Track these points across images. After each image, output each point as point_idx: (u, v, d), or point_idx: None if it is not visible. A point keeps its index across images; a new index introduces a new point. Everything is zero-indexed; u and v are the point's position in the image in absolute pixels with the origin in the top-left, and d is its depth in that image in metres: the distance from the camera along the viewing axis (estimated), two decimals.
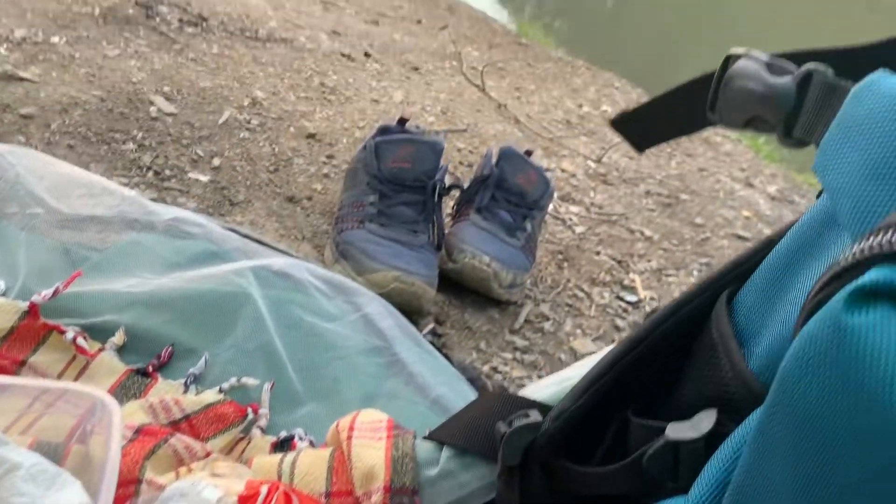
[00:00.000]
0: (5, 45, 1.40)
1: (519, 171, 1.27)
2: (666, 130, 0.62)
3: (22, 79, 1.30)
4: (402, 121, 1.24)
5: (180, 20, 1.80)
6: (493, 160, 1.28)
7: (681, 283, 1.58)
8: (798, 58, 0.50)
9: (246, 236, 0.86)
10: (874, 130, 0.34)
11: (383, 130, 1.23)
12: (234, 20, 1.94)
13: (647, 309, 1.41)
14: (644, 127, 0.62)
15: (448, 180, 1.22)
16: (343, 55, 2.00)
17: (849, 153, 0.36)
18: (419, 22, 2.70)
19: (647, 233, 1.70)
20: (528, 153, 1.36)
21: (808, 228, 0.42)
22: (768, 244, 0.48)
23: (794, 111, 0.47)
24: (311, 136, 1.50)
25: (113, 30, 1.62)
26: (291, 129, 1.51)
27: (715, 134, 2.78)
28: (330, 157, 1.46)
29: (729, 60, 0.53)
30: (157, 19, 1.76)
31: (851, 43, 0.52)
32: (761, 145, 2.94)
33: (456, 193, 1.27)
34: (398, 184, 1.15)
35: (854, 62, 0.45)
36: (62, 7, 1.64)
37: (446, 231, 1.21)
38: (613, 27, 5.92)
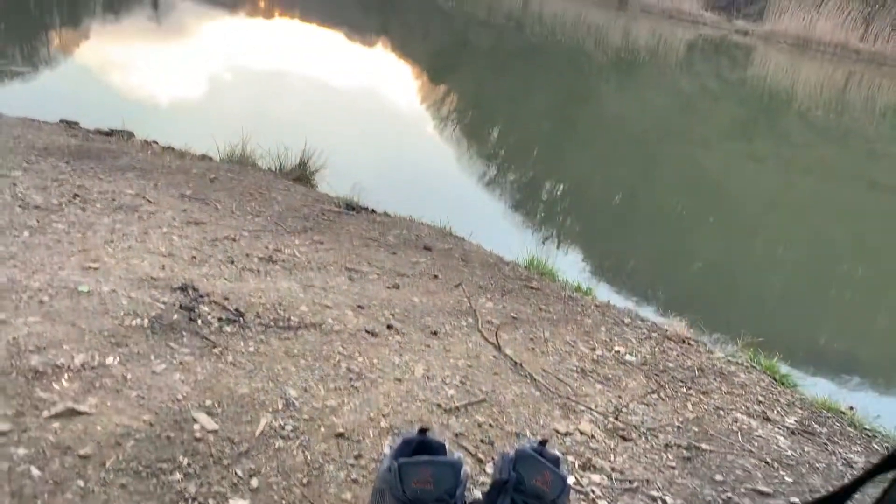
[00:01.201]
0: (67, 376, 1.57)
1: (535, 474, 1.35)
2: None
3: (80, 413, 1.45)
4: (423, 430, 1.35)
5: (219, 319, 1.99)
6: (510, 464, 1.37)
7: None
8: None
9: None
10: None
11: (406, 444, 1.33)
12: (269, 310, 2.13)
13: None
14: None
15: (468, 496, 1.31)
16: (367, 332, 2.17)
17: None
18: (436, 277, 2.91)
19: (669, 500, 1.74)
20: (543, 443, 1.45)
21: None
22: None
23: None
24: (340, 435, 1.62)
25: (160, 342, 1.80)
26: (322, 429, 1.63)
27: (728, 362, 2.87)
28: (358, 456, 1.56)
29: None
30: (199, 321, 1.95)
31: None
32: (776, 367, 3.01)
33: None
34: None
35: None
36: (115, 322, 1.84)
37: None
38: (622, 229, 6.23)
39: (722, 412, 2.35)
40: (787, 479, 1.97)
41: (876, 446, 2.40)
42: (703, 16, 25.77)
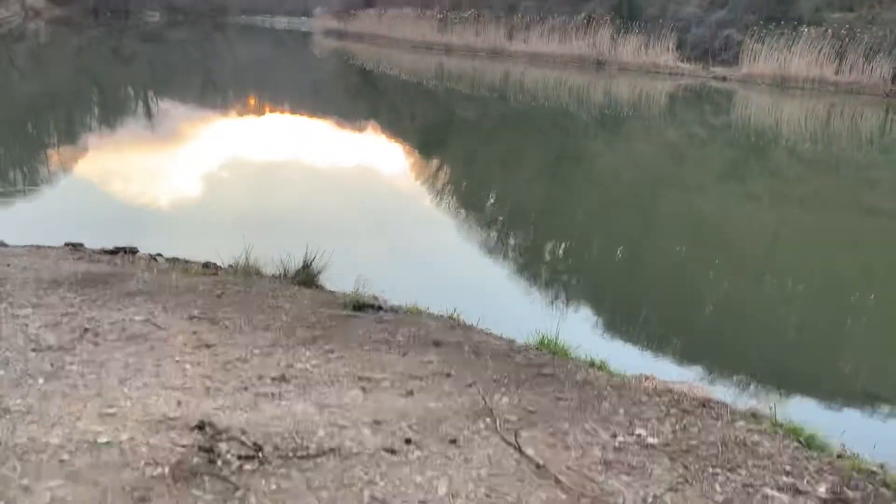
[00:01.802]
0: None
1: None
2: None
3: None
4: None
5: (239, 456, 2.00)
6: None
7: None
8: None
9: None
10: None
11: None
12: (286, 439, 2.14)
13: None
14: None
15: None
16: (386, 450, 2.17)
17: None
18: (449, 375, 2.92)
19: None
20: None
21: None
22: None
23: None
24: None
25: (183, 491, 1.81)
26: None
27: (749, 431, 2.85)
28: None
29: None
30: (219, 462, 1.95)
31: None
32: (800, 429, 2.98)
33: None
34: None
35: None
36: (137, 474, 1.85)
37: None
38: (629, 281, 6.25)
39: (751, 489, 2.32)
40: None
41: None
42: (680, 67, 26.37)
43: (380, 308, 3.98)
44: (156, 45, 36.31)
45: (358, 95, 21.34)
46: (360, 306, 3.92)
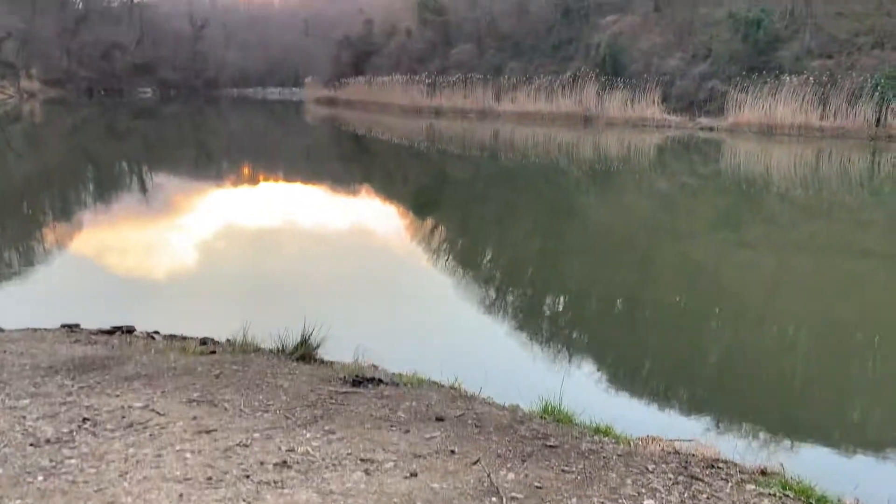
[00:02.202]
0: None
1: None
2: None
3: None
4: None
5: None
6: None
7: None
8: None
9: None
10: None
11: None
12: None
13: None
14: None
15: None
16: None
17: None
18: (453, 453, 2.88)
19: None
20: None
21: None
22: None
23: None
24: None
25: None
26: None
27: (759, 496, 2.80)
28: None
29: None
30: None
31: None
32: (810, 490, 2.93)
33: None
34: None
35: None
36: None
37: None
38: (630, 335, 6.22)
39: None
40: None
41: None
42: (667, 119, 26.85)
43: (380, 381, 3.95)
44: (149, 121, 36.93)
45: (350, 160, 21.61)
46: (360, 381, 3.89)
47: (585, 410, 3.81)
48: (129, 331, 5.59)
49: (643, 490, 2.70)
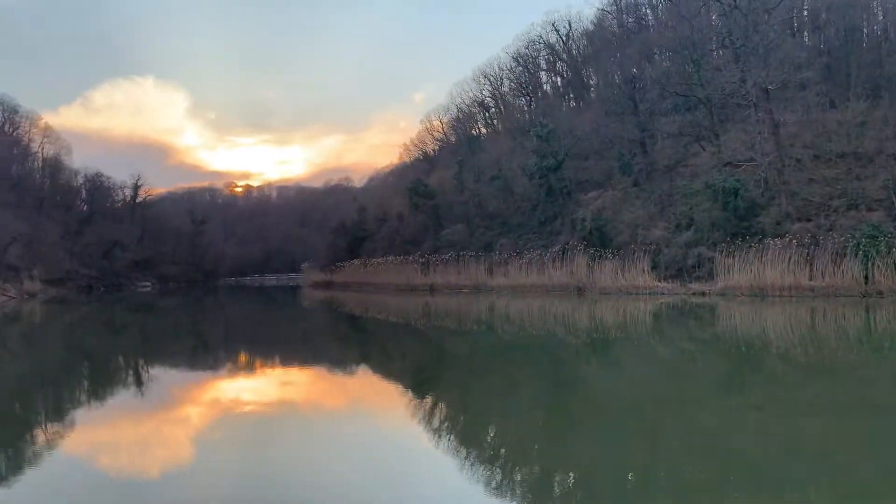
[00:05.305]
0: None
1: None
2: None
3: None
4: None
5: None
6: None
7: None
8: None
9: None
10: None
11: None
12: None
13: None
14: None
15: None
16: None
17: None
18: None
19: None
20: None
21: None
22: None
23: None
24: None
25: None
26: None
27: None
28: None
29: None
30: None
31: None
32: None
33: None
34: None
35: None
36: None
37: None
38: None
39: None
40: None
41: None
42: (658, 286, 27.34)
43: None
44: (147, 314, 37.27)
45: (348, 341, 21.59)
46: None
47: None
48: None
49: None
